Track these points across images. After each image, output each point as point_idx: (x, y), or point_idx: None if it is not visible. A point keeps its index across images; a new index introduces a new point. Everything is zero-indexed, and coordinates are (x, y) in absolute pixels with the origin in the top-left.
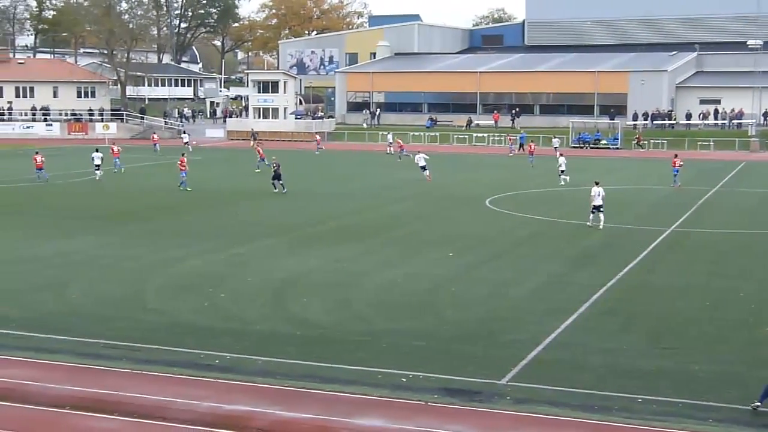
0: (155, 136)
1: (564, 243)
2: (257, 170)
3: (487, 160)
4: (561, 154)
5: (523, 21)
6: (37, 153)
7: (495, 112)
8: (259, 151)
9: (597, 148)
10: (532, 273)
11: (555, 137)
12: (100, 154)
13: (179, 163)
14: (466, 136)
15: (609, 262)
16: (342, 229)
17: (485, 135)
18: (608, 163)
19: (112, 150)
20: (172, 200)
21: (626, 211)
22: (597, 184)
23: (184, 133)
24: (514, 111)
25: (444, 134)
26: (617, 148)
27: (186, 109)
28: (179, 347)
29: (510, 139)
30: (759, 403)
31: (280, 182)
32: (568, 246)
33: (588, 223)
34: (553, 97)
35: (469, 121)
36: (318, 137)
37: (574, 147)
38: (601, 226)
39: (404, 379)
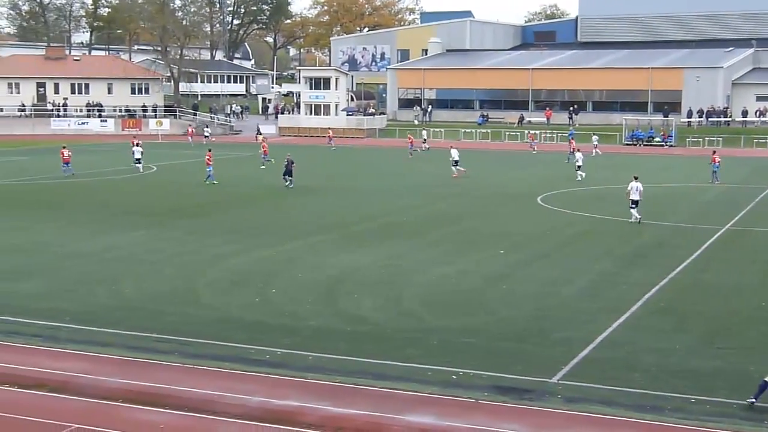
0: (190, 129)
1: (616, 241)
2: (263, 167)
3: (538, 156)
4: (578, 150)
5: (576, 17)
6: (64, 147)
7: (547, 109)
8: (264, 147)
9: (650, 145)
10: (583, 271)
11: (594, 134)
12: (140, 149)
13: (207, 158)
14: (518, 133)
15: (662, 261)
16: (392, 225)
17: (537, 132)
18: (662, 160)
19: (134, 143)
20: (222, 196)
21: (680, 209)
22: (635, 179)
23: (207, 127)
24: (571, 108)
25: (495, 131)
26: (671, 146)
27: (235, 105)
28: (230, 342)
29: (531, 137)
30: (754, 399)
31: (291, 177)
32: (620, 244)
33: (630, 220)
34: (606, 94)
35: (521, 118)
36: (330, 132)
37: (627, 144)
38: (634, 220)
39: (455, 377)
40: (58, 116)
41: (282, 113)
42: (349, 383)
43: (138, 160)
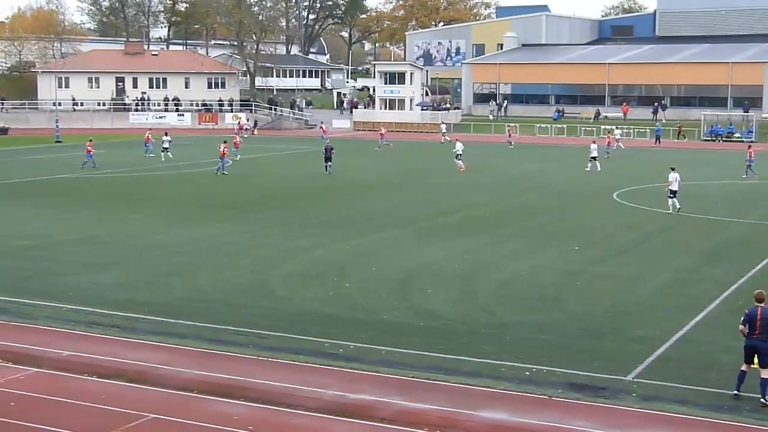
0: (242, 123)
1: (695, 238)
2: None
3: (615, 152)
4: (594, 142)
5: (655, 11)
6: (90, 140)
7: (624, 104)
8: (235, 141)
9: (730, 141)
10: (660, 268)
11: (617, 128)
12: (168, 138)
13: (223, 147)
14: (594, 129)
15: (741, 259)
16: (467, 220)
17: (613, 127)
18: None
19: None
20: (297, 190)
21: (760, 206)
22: (673, 169)
23: (248, 121)
24: (656, 104)
25: (571, 126)
26: (752, 142)
27: (299, 100)
28: (304, 335)
29: (509, 131)
30: (737, 392)
31: (330, 164)
32: (699, 241)
33: (669, 210)
34: (685, 89)
35: (597, 113)
36: (383, 130)
37: (705, 140)
38: (673, 211)
39: (528, 373)
40: (137, 110)
41: (356, 108)
42: (422, 378)
43: (165, 149)
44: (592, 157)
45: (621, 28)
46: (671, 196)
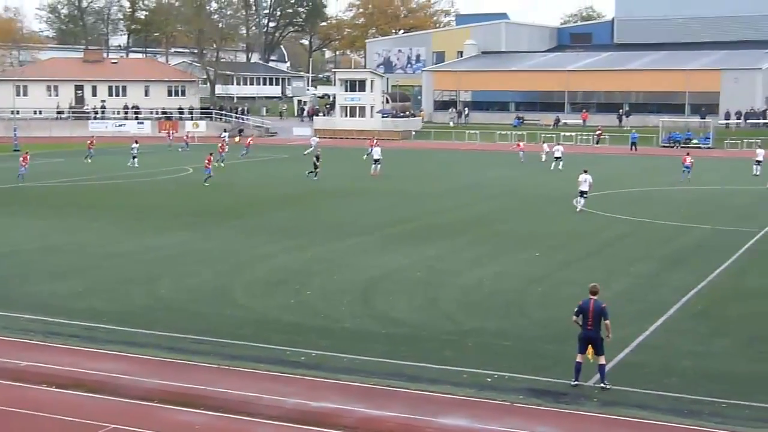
0: (187, 135)
1: (654, 244)
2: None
3: (574, 159)
4: (554, 145)
5: (613, 19)
6: (26, 153)
7: (583, 111)
8: (222, 148)
9: (688, 147)
10: (620, 274)
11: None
12: (137, 145)
13: (207, 161)
14: (554, 135)
15: (700, 264)
16: (429, 227)
17: (573, 134)
18: (700, 163)
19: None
20: (260, 198)
21: (718, 211)
22: (585, 171)
23: (225, 132)
24: (620, 111)
25: (531, 133)
26: (709, 148)
27: (263, 109)
28: (266, 344)
29: (518, 145)
30: (576, 381)
31: (316, 170)
32: (658, 247)
33: (577, 209)
34: (643, 96)
35: (557, 120)
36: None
37: (664, 146)
38: (580, 210)
39: (490, 379)
40: (96, 118)
41: (317, 115)
42: (384, 385)
43: (134, 156)
44: (556, 157)
45: (580, 36)
46: (579, 196)
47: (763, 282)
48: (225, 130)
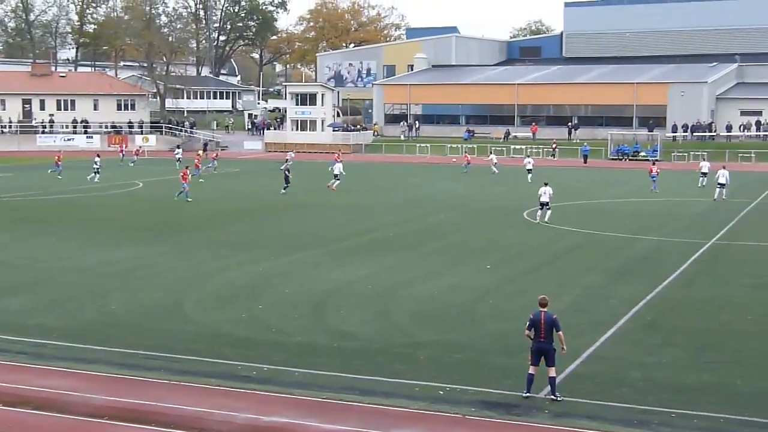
0: (138, 149)
1: (603, 256)
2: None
3: (524, 171)
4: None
5: (561, 33)
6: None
7: (533, 124)
8: (198, 162)
9: (636, 160)
10: (570, 285)
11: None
12: (99, 158)
13: (182, 175)
14: (504, 148)
15: (649, 276)
16: (381, 240)
17: (523, 147)
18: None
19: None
20: (212, 211)
21: (666, 223)
22: (546, 184)
23: (178, 147)
24: (570, 123)
25: (482, 146)
26: (657, 160)
27: (212, 122)
28: (218, 358)
29: (466, 158)
30: (528, 393)
31: (287, 185)
32: (607, 259)
33: (537, 220)
34: (592, 109)
35: (507, 134)
36: (291, 153)
37: (612, 159)
38: (544, 220)
39: (442, 392)
40: (44, 133)
41: (268, 129)
42: (336, 399)
43: (97, 171)
44: (528, 170)
45: (529, 49)
46: (540, 207)
47: (710, 293)
48: (178, 146)
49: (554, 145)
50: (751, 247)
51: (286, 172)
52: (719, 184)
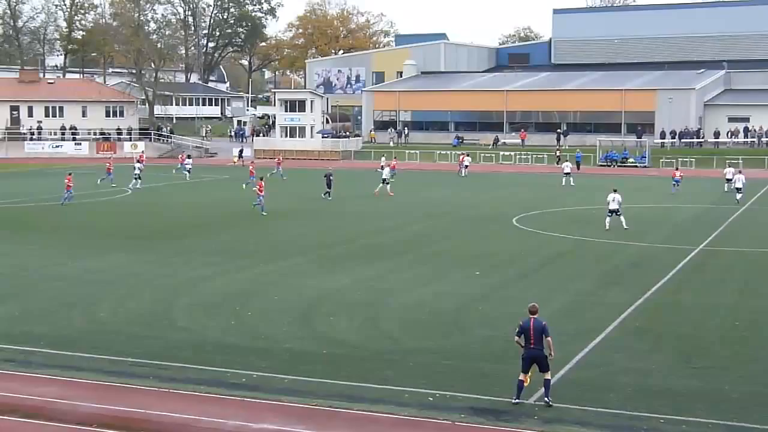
0: (140, 154)
1: (591, 262)
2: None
3: (514, 178)
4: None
5: (550, 39)
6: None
7: (522, 130)
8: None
9: (624, 166)
10: (559, 292)
11: (464, 154)
12: (140, 164)
13: (258, 187)
14: (493, 155)
15: (637, 282)
16: (370, 247)
17: (512, 153)
18: (636, 181)
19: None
20: (201, 219)
21: (654, 229)
22: (615, 191)
23: (189, 158)
24: (558, 130)
25: (471, 153)
26: (645, 167)
27: (204, 128)
28: (206, 366)
29: (461, 161)
30: (517, 400)
31: (329, 190)
32: (596, 265)
33: (606, 227)
34: (580, 115)
35: (496, 140)
36: (280, 158)
37: (601, 165)
38: (624, 227)
39: (431, 399)
40: (32, 139)
41: (258, 135)
42: (325, 406)
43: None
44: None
45: (518, 56)
46: (609, 214)
47: (698, 299)
48: (189, 156)
49: (558, 152)
50: (738, 252)
51: (329, 178)
52: (736, 188)
